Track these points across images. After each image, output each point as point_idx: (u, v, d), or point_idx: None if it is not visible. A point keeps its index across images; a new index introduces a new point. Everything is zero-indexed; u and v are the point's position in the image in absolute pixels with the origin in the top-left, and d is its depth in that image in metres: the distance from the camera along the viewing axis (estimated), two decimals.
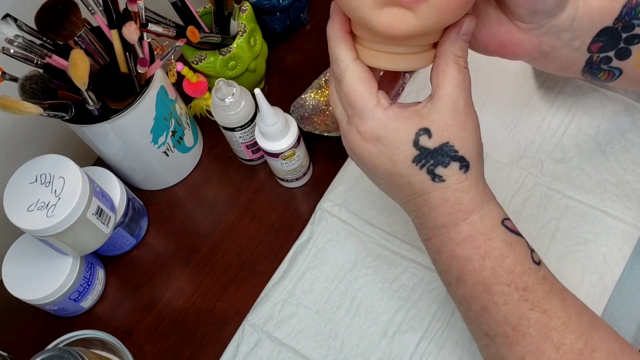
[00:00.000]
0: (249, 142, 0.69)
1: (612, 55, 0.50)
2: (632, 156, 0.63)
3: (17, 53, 0.56)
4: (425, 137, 0.44)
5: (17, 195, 0.59)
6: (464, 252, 0.45)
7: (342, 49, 0.45)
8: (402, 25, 0.40)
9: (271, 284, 0.65)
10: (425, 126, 0.44)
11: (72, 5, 0.58)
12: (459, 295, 0.48)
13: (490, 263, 0.45)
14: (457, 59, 0.44)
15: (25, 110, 0.54)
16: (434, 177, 0.44)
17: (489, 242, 0.45)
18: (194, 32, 0.63)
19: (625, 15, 0.47)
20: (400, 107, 0.45)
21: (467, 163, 0.44)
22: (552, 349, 0.44)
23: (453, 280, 0.48)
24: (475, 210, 0.45)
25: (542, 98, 0.69)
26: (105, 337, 0.59)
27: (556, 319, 0.44)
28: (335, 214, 0.67)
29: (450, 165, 0.44)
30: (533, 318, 0.44)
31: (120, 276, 0.70)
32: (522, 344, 0.45)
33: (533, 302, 0.45)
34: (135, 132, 0.64)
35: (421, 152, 0.44)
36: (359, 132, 0.45)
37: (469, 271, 0.46)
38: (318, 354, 0.60)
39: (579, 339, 0.44)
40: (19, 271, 0.63)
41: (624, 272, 0.59)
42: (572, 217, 0.62)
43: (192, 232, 0.71)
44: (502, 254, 0.45)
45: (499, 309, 0.45)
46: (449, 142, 0.44)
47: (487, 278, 0.45)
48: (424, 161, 0.44)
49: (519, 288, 0.45)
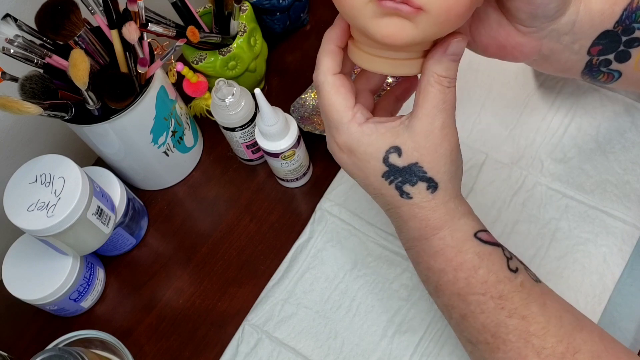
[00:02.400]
0: (249, 142, 0.69)
1: (611, 58, 0.50)
2: (632, 156, 0.63)
3: (17, 53, 0.56)
4: (395, 155, 0.45)
5: (17, 195, 0.59)
6: (437, 264, 0.47)
7: (327, 61, 0.46)
8: (402, 34, 0.40)
9: (271, 284, 0.65)
10: (397, 144, 0.45)
11: (72, 5, 0.58)
12: (439, 303, 0.50)
13: (463, 274, 0.46)
14: (440, 78, 0.44)
15: (26, 110, 0.54)
16: (402, 193, 0.46)
17: (460, 255, 0.46)
18: (194, 32, 0.63)
19: (625, 19, 0.47)
20: (377, 122, 0.46)
21: (435, 184, 0.45)
22: (534, 354, 0.44)
23: (432, 290, 0.49)
24: (444, 227, 0.46)
25: (542, 98, 0.69)
26: (105, 337, 0.59)
27: (535, 324, 0.45)
28: (335, 214, 0.67)
29: (418, 184, 0.45)
30: (511, 325, 0.45)
31: (120, 276, 0.70)
32: (504, 350, 0.45)
33: (510, 309, 0.45)
34: (135, 132, 0.65)
35: (390, 169, 0.45)
36: (336, 143, 0.47)
37: (444, 282, 0.47)
38: (318, 354, 0.60)
39: (560, 342, 0.44)
40: (19, 271, 0.63)
41: (624, 272, 0.59)
42: (572, 217, 0.62)
43: (192, 232, 0.71)
44: (474, 265, 0.46)
45: (477, 317, 0.46)
46: (417, 162, 0.45)
47: (461, 289, 0.46)
48: (392, 177, 0.45)
49: (494, 297, 0.45)
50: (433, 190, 0.45)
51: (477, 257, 0.46)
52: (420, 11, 0.39)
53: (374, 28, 0.40)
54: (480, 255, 0.46)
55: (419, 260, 0.49)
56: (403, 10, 0.39)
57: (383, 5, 0.39)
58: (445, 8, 0.39)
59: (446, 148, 0.45)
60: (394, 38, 0.40)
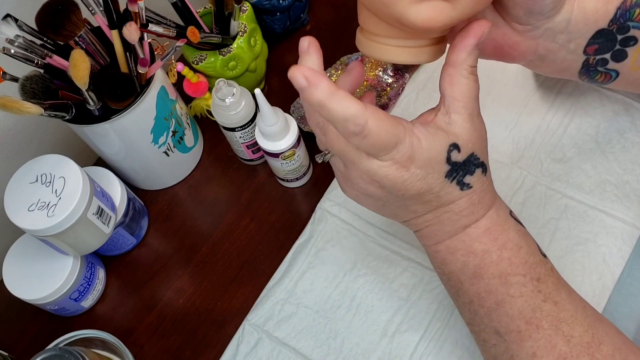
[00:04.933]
0: (249, 142, 0.69)
1: (608, 58, 0.50)
2: (632, 156, 0.64)
3: (18, 53, 0.56)
4: (455, 152, 0.44)
5: (18, 195, 0.59)
6: (482, 245, 0.46)
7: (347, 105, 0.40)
8: (441, 16, 0.39)
9: (271, 283, 0.65)
10: (454, 141, 0.44)
11: (73, 5, 0.58)
12: (471, 293, 0.48)
13: (507, 254, 0.46)
14: (472, 69, 0.44)
15: (26, 111, 0.54)
16: (462, 186, 0.46)
17: (505, 233, 0.47)
18: (194, 32, 0.63)
19: (619, 17, 0.48)
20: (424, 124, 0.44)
21: (486, 166, 0.46)
22: (563, 342, 0.44)
23: (466, 278, 0.48)
24: (493, 204, 0.47)
25: (542, 98, 0.69)
26: (105, 336, 0.59)
27: (565, 312, 0.45)
28: (335, 214, 0.67)
29: (475, 172, 0.46)
30: (546, 310, 0.45)
31: (120, 276, 0.70)
32: (535, 339, 0.45)
33: (545, 293, 0.45)
34: (135, 132, 0.65)
35: (452, 167, 0.45)
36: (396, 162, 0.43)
37: (486, 265, 0.46)
38: (318, 353, 0.60)
39: (587, 332, 0.45)
40: (19, 271, 0.63)
41: (623, 271, 0.59)
42: (571, 217, 0.62)
43: (193, 232, 0.71)
44: (517, 244, 0.46)
45: (515, 301, 0.46)
46: (474, 152, 0.45)
47: (504, 269, 0.46)
48: (455, 174, 0.45)
49: (533, 279, 0.46)
50: (485, 172, 0.46)
51: (518, 236, 0.47)
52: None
53: (413, 14, 0.39)
54: (520, 234, 0.47)
55: (457, 247, 0.47)
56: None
57: None
58: None
59: (485, 132, 0.47)
60: (435, 21, 0.39)
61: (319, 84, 0.39)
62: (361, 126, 0.40)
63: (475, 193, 0.46)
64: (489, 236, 0.46)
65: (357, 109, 0.40)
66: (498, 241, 0.46)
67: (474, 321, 0.49)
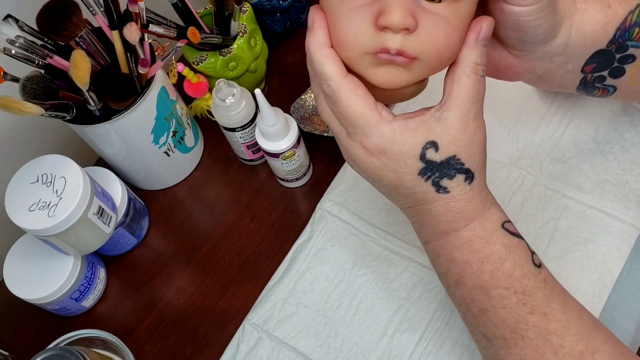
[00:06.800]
0: (249, 143, 0.69)
1: (605, 75, 0.50)
2: (631, 156, 0.64)
3: (19, 54, 0.56)
4: (432, 151, 0.43)
5: (19, 195, 0.59)
6: (463, 256, 0.45)
7: (330, 65, 0.43)
8: (398, 80, 0.42)
9: (271, 283, 0.65)
10: (432, 139, 0.43)
11: (73, 6, 0.58)
12: (457, 297, 0.48)
13: (489, 267, 0.45)
14: (476, 67, 0.43)
15: (27, 111, 0.54)
16: (438, 188, 0.44)
17: (488, 246, 0.45)
18: (194, 32, 0.63)
19: (619, 38, 0.47)
20: (406, 118, 0.44)
21: (472, 175, 0.44)
22: (551, 352, 0.44)
23: (452, 283, 0.48)
24: (477, 217, 0.45)
25: (541, 98, 0.69)
26: (106, 336, 0.59)
27: (556, 322, 0.44)
28: (335, 214, 0.67)
29: (456, 177, 0.44)
30: (532, 322, 0.44)
31: (121, 276, 0.70)
32: (521, 347, 0.45)
33: (532, 305, 0.44)
34: (136, 133, 0.65)
35: (427, 165, 0.43)
36: (364, 148, 0.44)
37: (467, 274, 0.46)
38: (318, 353, 0.61)
39: (580, 341, 0.44)
40: (20, 271, 0.64)
41: (622, 271, 0.59)
42: (571, 217, 0.62)
43: (193, 232, 0.71)
44: (501, 257, 0.45)
45: (497, 312, 0.45)
46: (455, 155, 0.43)
47: (485, 282, 0.45)
48: (430, 174, 0.44)
49: (517, 292, 0.44)
50: (470, 180, 0.44)
51: (505, 249, 0.45)
52: (414, 60, 0.41)
53: (372, 76, 0.42)
54: (508, 247, 0.45)
55: (440, 252, 0.47)
56: (398, 61, 0.41)
57: (379, 57, 0.41)
58: (437, 55, 0.41)
59: (480, 138, 0.44)
60: (392, 83, 0.42)
61: (317, 33, 0.43)
62: (332, 89, 0.43)
63: (453, 200, 0.44)
64: (469, 248, 0.45)
65: (334, 71, 0.43)
66: (479, 254, 0.45)
67: (465, 322, 0.49)
